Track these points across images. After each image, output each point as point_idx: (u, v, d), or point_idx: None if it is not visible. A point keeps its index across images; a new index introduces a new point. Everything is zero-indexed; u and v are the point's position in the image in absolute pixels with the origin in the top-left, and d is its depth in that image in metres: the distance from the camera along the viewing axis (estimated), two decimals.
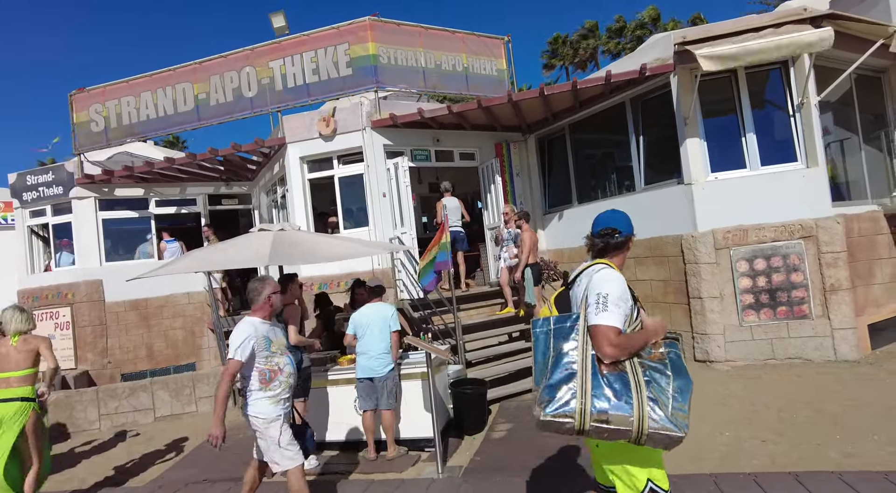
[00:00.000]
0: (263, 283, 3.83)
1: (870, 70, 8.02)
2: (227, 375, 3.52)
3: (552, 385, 2.18)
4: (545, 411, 2.15)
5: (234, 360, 3.51)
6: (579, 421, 2.13)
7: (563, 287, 2.56)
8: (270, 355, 3.69)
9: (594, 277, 2.33)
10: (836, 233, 6.76)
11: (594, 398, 2.15)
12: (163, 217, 11.43)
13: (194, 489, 5.01)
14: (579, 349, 2.23)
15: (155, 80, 10.04)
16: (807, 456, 4.31)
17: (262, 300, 3.77)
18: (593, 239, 2.49)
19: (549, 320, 2.33)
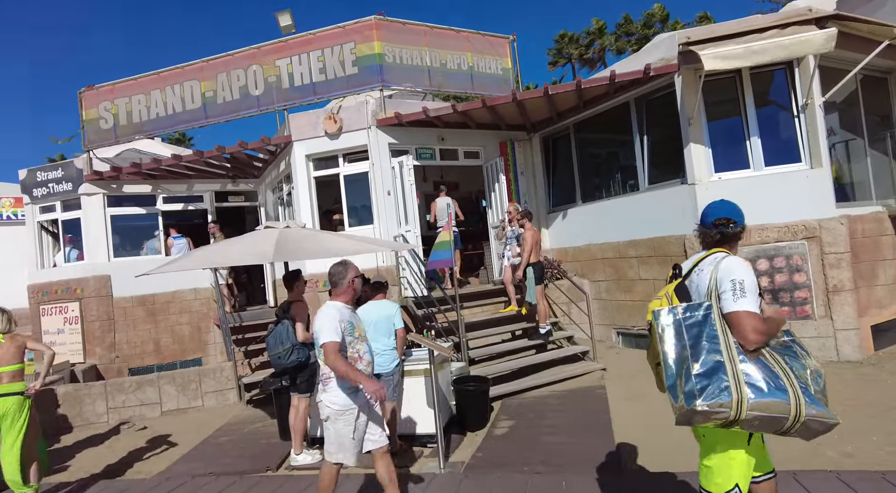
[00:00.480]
0: (346, 267, 3.72)
1: (876, 71, 8.00)
2: (334, 354, 3.39)
3: (700, 375, 2.13)
4: (700, 401, 2.09)
5: (330, 342, 3.41)
6: (735, 411, 2.08)
7: (677, 278, 2.49)
8: (353, 340, 3.60)
9: (721, 264, 2.28)
10: (840, 234, 6.76)
11: (748, 387, 2.09)
12: (170, 214, 11.54)
13: (200, 481, 5.10)
14: (721, 338, 2.17)
15: (163, 77, 10.13)
16: (805, 455, 4.34)
17: (345, 284, 3.67)
18: (707, 229, 2.45)
19: (677, 309, 2.26)
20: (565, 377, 7.16)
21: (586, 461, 4.63)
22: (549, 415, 5.97)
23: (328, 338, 3.42)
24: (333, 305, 3.63)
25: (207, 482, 5.05)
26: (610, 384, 6.78)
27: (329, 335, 3.43)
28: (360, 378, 3.39)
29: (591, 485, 4.02)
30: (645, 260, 8.07)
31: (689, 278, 2.43)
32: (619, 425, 5.43)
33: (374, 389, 3.37)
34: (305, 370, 5.36)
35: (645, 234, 8.02)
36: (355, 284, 3.70)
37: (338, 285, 3.68)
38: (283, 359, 5.26)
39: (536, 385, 6.96)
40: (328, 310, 3.59)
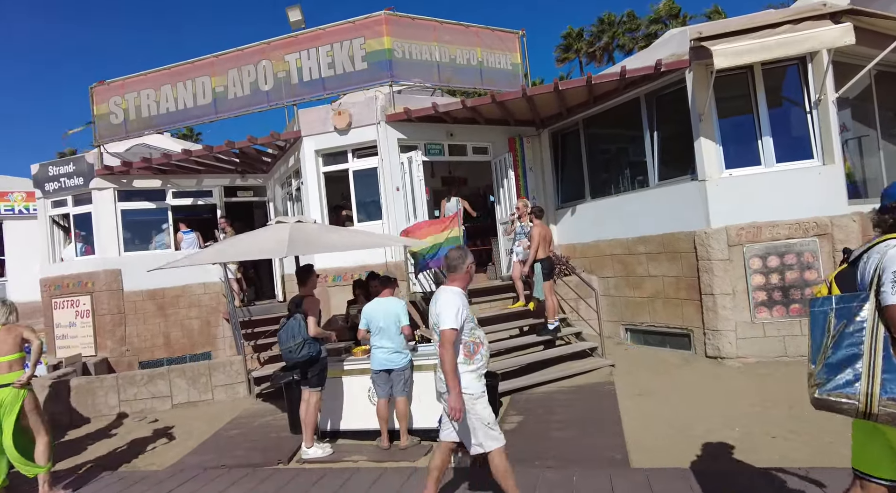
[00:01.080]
0: (465, 252, 3.62)
1: (890, 66, 7.89)
2: (449, 345, 3.26)
3: (832, 365, 2.13)
4: (820, 390, 2.12)
5: (451, 330, 3.26)
6: (865, 403, 2.06)
7: (846, 265, 2.39)
8: (474, 327, 3.47)
9: (890, 253, 2.17)
10: (852, 231, 6.71)
11: (887, 382, 2.05)
12: (179, 208, 11.62)
13: (212, 473, 5.16)
14: (867, 330, 2.12)
15: (173, 73, 10.17)
16: (818, 453, 4.34)
17: (463, 269, 3.54)
18: (882, 215, 2.35)
19: (832, 298, 2.23)
20: (574, 373, 7.17)
21: (596, 456, 4.65)
22: (557, 411, 5.99)
23: (449, 325, 3.26)
24: (455, 291, 3.46)
25: (219, 474, 5.11)
26: (619, 381, 6.78)
27: (451, 322, 3.26)
28: (455, 386, 3.24)
29: (602, 480, 4.04)
30: (654, 257, 8.04)
31: (857, 265, 2.32)
32: (628, 421, 5.44)
33: (456, 405, 3.23)
34: (316, 365, 5.40)
35: (654, 230, 8.00)
36: (471, 269, 3.57)
37: (456, 270, 3.54)
38: (295, 353, 5.30)
39: (545, 381, 6.97)
40: (451, 296, 3.41)
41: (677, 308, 7.72)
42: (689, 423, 5.23)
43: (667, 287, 7.87)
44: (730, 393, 5.93)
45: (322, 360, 5.46)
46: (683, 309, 7.62)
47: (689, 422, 5.26)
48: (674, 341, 7.86)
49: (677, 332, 7.77)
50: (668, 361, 7.42)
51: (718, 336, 7.07)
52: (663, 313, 7.95)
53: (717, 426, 5.08)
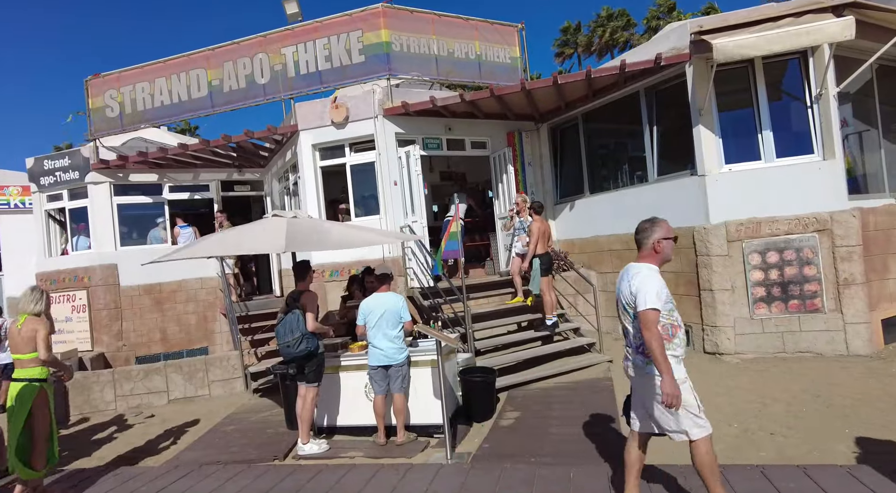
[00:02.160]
0: (654, 224, 3.23)
1: (892, 60, 7.84)
2: (654, 326, 2.95)
3: None
4: None
5: (653, 310, 2.96)
6: None
7: None
8: (672, 308, 3.16)
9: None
10: (852, 227, 6.68)
11: None
12: (176, 203, 11.54)
13: (208, 469, 5.13)
14: None
15: (169, 66, 10.08)
16: (815, 450, 4.32)
17: (649, 245, 3.19)
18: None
19: None
20: (571, 369, 7.15)
21: (593, 452, 4.62)
22: (555, 406, 5.96)
23: (652, 304, 2.95)
24: (651, 267, 3.15)
25: (215, 470, 5.08)
26: (616, 376, 6.75)
27: (653, 301, 2.96)
28: (668, 370, 2.94)
29: (599, 477, 4.01)
30: None
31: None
32: None
33: (672, 391, 2.92)
34: (314, 360, 5.36)
35: None
36: (661, 245, 3.19)
37: (643, 246, 3.22)
38: (293, 348, 5.26)
39: (543, 377, 6.95)
40: (650, 273, 3.10)
41: (676, 304, 7.65)
42: None
43: (666, 282, 7.81)
44: (728, 389, 5.91)
45: (320, 355, 5.42)
46: (682, 304, 7.56)
47: None
48: None
49: None
50: None
51: (717, 332, 7.05)
52: None
53: (714, 423, 4.97)
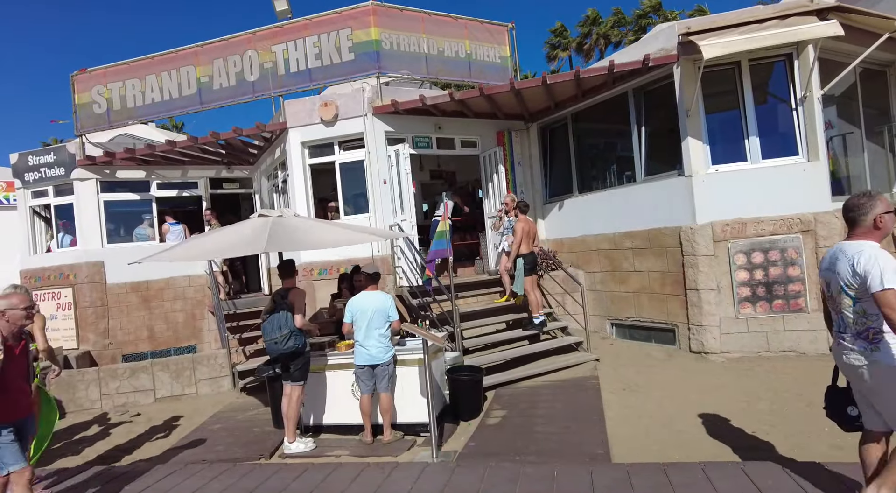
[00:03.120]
0: (871, 198, 2.89)
1: (875, 64, 7.96)
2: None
3: None
4: None
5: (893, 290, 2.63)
6: None
7: None
8: None
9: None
10: (835, 228, 6.76)
11: None
12: (164, 200, 11.45)
13: (193, 468, 5.10)
14: None
15: (157, 62, 9.99)
16: (796, 447, 4.38)
17: (868, 221, 2.86)
18: None
19: None
20: (559, 368, 7.19)
21: (578, 451, 4.66)
22: (541, 405, 5.99)
23: (891, 284, 2.63)
24: (873, 245, 2.84)
25: (201, 468, 5.05)
26: (603, 375, 6.81)
27: (893, 280, 2.63)
28: None
29: (582, 475, 4.04)
30: (640, 252, 8.07)
31: None
32: (611, 415, 5.46)
33: None
34: (300, 358, 5.36)
35: (640, 226, 8.01)
36: (883, 220, 2.84)
37: (860, 223, 2.90)
38: (281, 345, 5.26)
39: (530, 375, 6.98)
40: (877, 251, 2.79)
41: (662, 303, 7.75)
42: (672, 417, 5.27)
43: (652, 282, 7.90)
44: (713, 388, 5.97)
45: (306, 353, 5.42)
46: (668, 304, 7.65)
47: (671, 417, 5.29)
48: (659, 335, 7.90)
49: (662, 327, 7.81)
50: (652, 355, 7.46)
51: (702, 331, 7.12)
52: (648, 307, 7.99)
53: (699, 421, 5.12)
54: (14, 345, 3.59)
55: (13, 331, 3.60)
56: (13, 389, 3.55)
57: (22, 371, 3.68)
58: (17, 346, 3.63)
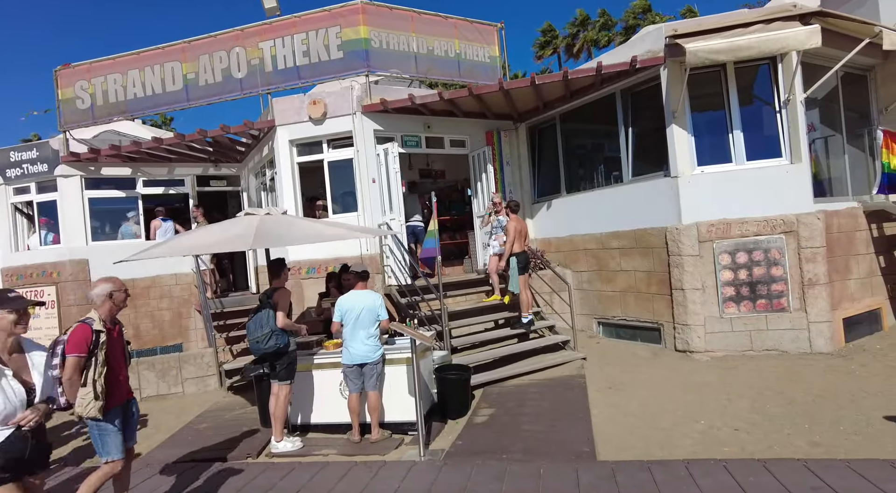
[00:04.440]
0: None
1: (856, 68, 8.11)
2: None
3: None
4: None
5: None
6: None
7: None
8: None
9: None
10: (817, 229, 6.89)
11: None
12: (150, 197, 11.32)
13: (179, 468, 5.09)
14: None
15: (143, 58, 9.87)
16: (776, 444, 4.46)
17: None
18: None
19: None
20: (546, 366, 7.24)
21: (564, 449, 4.71)
22: (528, 403, 6.04)
23: None
24: None
25: (187, 468, 5.04)
26: (589, 374, 6.87)
27: None
28: None
29: (568, 473, 4.09)
30: (626, 252, 8.15)
31: None
32: (597, 413, 5.52)
33: None
34: (284, 357, 5.35)
35: (627, 226, 8.09)
36: None
37: None
38: (262, 344, 5.25)
39: (517, 374, 7.03)
40: None
41: (648, 302, 7.84)
42: (657, 416, 5.34)
43: (638, 282, 7.99)
44: (697, 386, 6.06)
45: (291, 353, 5.41)
46: (654, 303, 7.75)
47: (656, 415, 5.36)
48: (644, 334, 7.99)
49: (648, 326, 7.90)
50: (638, 354, 7.55)
51: (687, 330, 7.21)
52: (635, 307, 8.08)
53: (683, 419, 5.19)
54: (111, 328, 3.69)
55: (113, 314, 3.72)
56: (115, 368, 3.65)
57: (121, 354, 3.79)
58: (115, 329, 3.74)
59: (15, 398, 2.72)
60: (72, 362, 3.37)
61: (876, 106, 8.48)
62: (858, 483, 3.52)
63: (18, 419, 2.70)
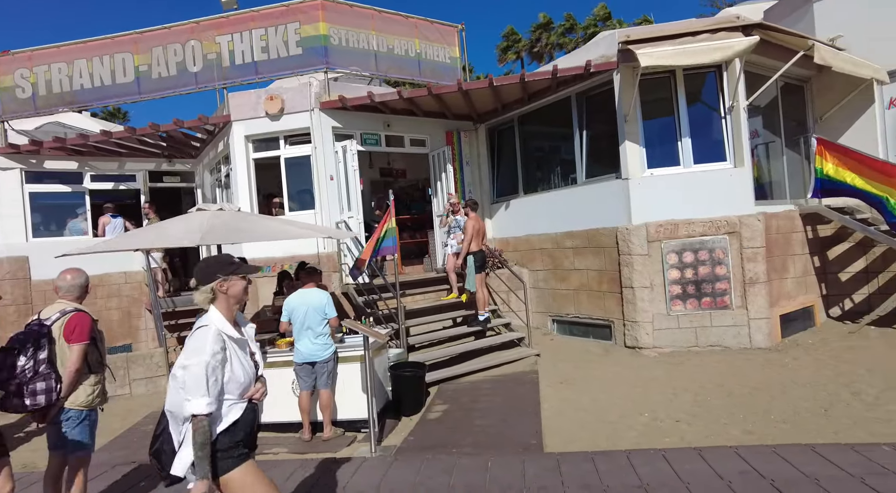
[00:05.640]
0: None
1: (794, 79, 8.57)
2: None
3: None
4: None
5: None
6: None
7: None
8: None
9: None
10: (757, 230, 7.24)
11: None
12: (98, 193, 10.90)
13: (122, 470, 4.93)
14: None
15: (90, 47, 9.51)
16: (713, 434, 4.68)
17: None
18: None
19: None
20: (501, 363, 7.36)
21: (513, 442, 4.81)
22: (482, 399, 6.13)
23: None
24: None
25: (131, 470, 4.89)
26: (543, 370, 7.02)
27: None
28: None
29: (515, 465, 4.19)
30: (580, 251, 8.36)
31: None
32: (548, 408, 5.66)
33: None
34: None
35: (581, 226, 8.30)
36: None
37: None
38: None
39: (473, 370, 7.12)
40: None
41: (600, 300, 8.07)
42: (605, 409, 5.51)
43: (591, 280, 8.20)
44: (644, 381, 6.28)
45: None
46: (606, 301, 7.97)
47: (604, 408, 5.53)
48: (596, 331, 8.22)
49: (600, 323, 8.13)
50: (590, 350, 7.75)
51: (636, 327, 7.46)
52: (587, 304, 8.29)
53: (629, 412, 5.38)
54: None
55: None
56: None
57: None
58: None
59: (252, 371, 2.58)
60: (81, 351, 3.34)
61: (812, 115, 8.98)
62: (782, 466, 3.74)
63: (252, 392, 2.57)
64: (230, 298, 2.54)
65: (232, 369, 2.41)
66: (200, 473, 2.24)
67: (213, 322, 2.43)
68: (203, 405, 2.25)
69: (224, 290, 2.51)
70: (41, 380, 3.18)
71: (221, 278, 2.50)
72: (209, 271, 2.52)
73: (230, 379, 2.41)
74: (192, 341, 2.39)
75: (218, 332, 2.40)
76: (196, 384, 2.26)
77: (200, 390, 2.26)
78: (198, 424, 2.25)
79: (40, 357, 3.18)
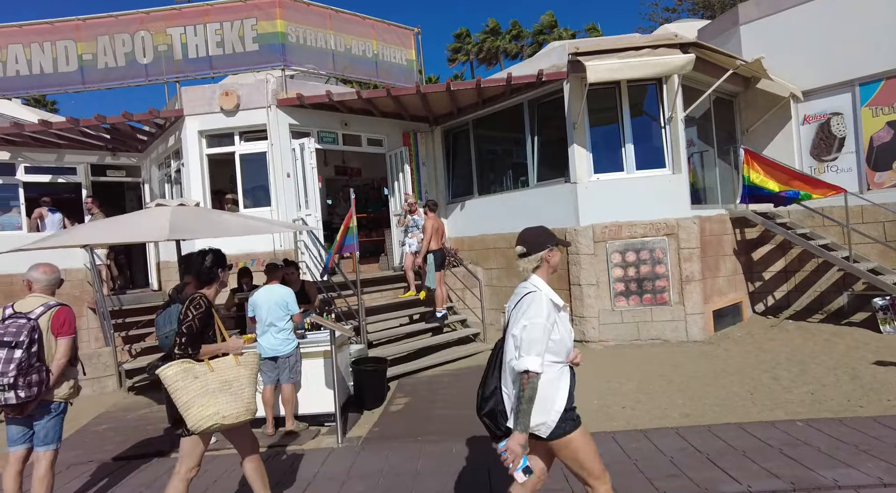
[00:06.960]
0: None
1: (725, 94, 9.34)
2: None
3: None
4: None
5: None
6: None
7: None
8: None
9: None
10: (693, 232, 7.87)
11: None
12: (34, 185, 10.33)
13: (77, 470, 4.83)
14: None
15: (26, 32, 9.06)
16: (656, 418, 5.12)
17: None
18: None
19: None
20: (458, 357, 7.64)
21: (472, 429, 5.05)
22: (441, 392, 6.38)
23: None
24: None
25: (87, 469, 4.80)
26: None
27: None
28: None
29: (477, 449, 4.46)
30: None
31: None
32: None
33: None
34: None
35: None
36: None
37: None
38: (171, 339, 5.11)
39: (431, 365, 7.36)
40: None
41: None
42: None
43: None
44: (592, 371, 6.70)
45: None
46: None
47: None
48: None
49: None
50: None
51: (584, 322, 7.93)
52: None
53: (579, 399, 5.65)
54: None
55: None
56: None
57: None
58: None
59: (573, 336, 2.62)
60: (69, 344, 3.36)
61: (740, 127, 9.81)
62: (714, 442, 4.20)
63: (573, 356, 2.58)
64: (551, 267, 2.67)
65: (560, 334, 2.52)
66: (522, 426, 2.33)
67: (540, 288, 2.54)
68: (538, 363, 2.35)
69: (549, 259, 2.64)
70: (35, 372, 3.22)
71: (549, 247, 2.63)
72: (540, 240, 2.65)
73: (560, 343, 2.51)
74: (529, 305, 2.47)
75: (548, 298, 2.51)
76: (532, 343, 2.37)
77: (536, 348, 2.37)
78: (528, 379, 2.34)
79: (33, 350, 3.22)
